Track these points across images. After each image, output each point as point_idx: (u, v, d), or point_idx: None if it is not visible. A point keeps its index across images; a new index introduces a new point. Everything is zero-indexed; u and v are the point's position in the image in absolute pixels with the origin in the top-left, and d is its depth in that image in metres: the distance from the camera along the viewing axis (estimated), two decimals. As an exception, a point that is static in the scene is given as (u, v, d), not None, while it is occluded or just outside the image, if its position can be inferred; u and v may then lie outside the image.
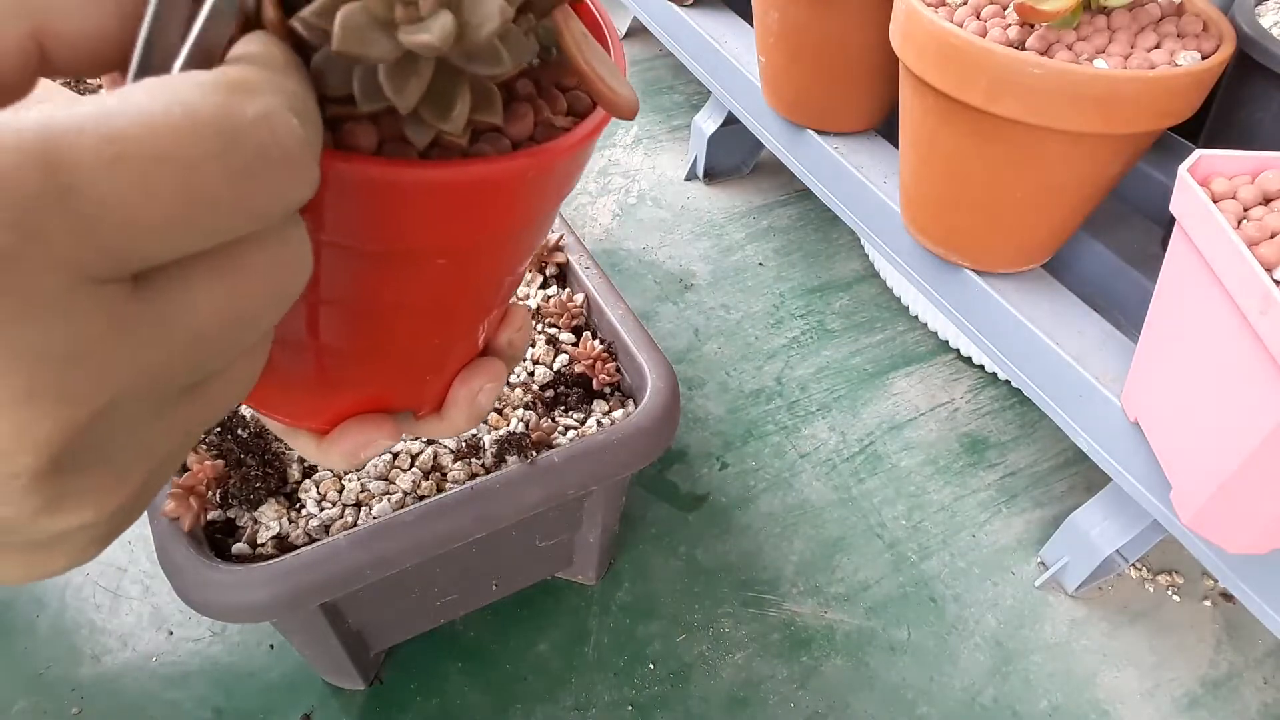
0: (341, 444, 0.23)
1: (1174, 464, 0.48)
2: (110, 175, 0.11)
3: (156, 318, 0.13)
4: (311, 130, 0.14)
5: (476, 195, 0.17)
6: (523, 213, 0.19)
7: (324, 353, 0.21)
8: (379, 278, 0.18)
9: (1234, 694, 0.61)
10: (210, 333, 0.13)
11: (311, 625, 0.49)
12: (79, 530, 0.14)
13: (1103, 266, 0.65)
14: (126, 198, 0.11)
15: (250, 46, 0.14)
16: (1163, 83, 0.46)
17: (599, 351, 0.57)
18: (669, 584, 0.65)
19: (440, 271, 0.19)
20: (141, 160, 0.11)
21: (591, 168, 1.06)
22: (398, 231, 0.17)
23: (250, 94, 0.12)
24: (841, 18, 0.64)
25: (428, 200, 0.16)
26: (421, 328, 0.21)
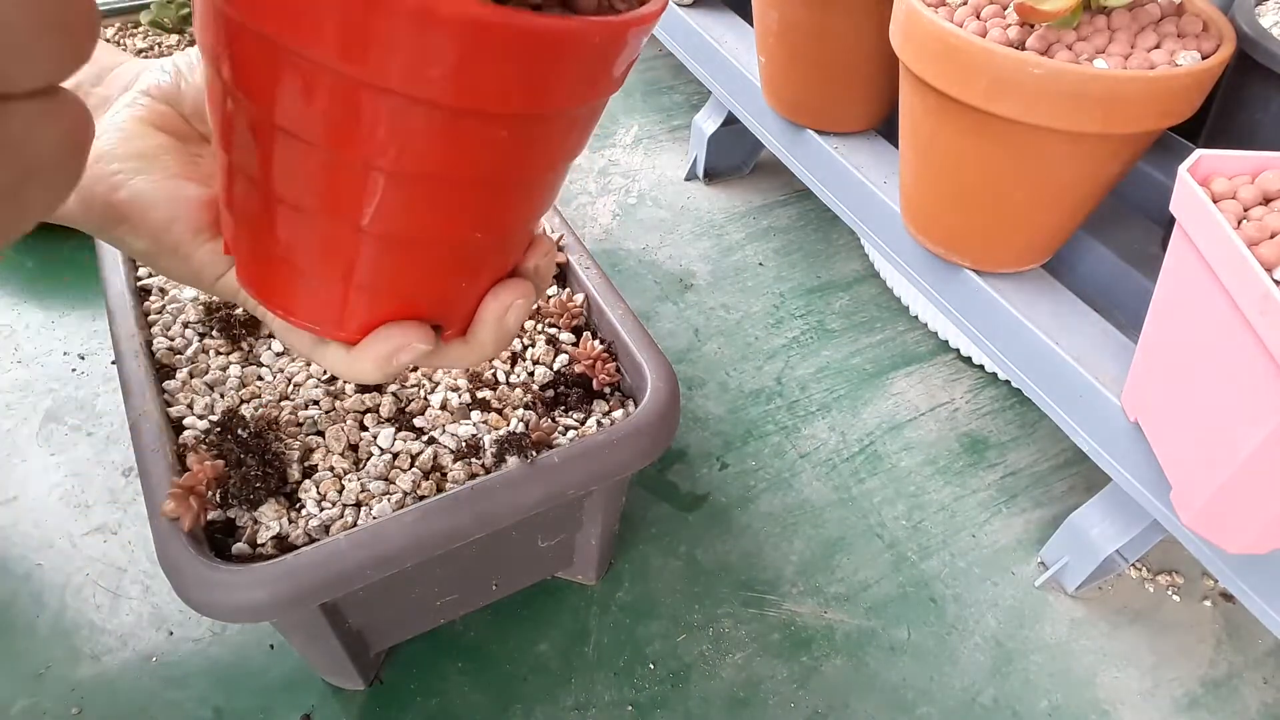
0: (374, 349, 0.23)
1: (1174, 464, 0.48)
2: None
3: None
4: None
5: (557, 51, 0.18)
6: (586, 85, 0.19)
7: (366, 240, 0.21)
8: (443, 141, 0.19)
9: (1234, 694, 0.61)
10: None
11: (311, 625, 0.49)
12: None
13: (1103, 266, 0.65)
14: None
15: None
16: (1163, 83, 0.46)
17: (599, 351, 0.57)
18: (669, 584, 0.65)
19: (502, 143, 0.19)
20: None
21: (591, 167, 1.06)
22: (475, 83, 0.17)
23: None
24: (841, 18, 0.64)
25: (512, 49, 0.17)
26: (469, 210, 0.21)
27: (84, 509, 0.67)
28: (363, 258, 0.22)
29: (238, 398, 0.52)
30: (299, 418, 0.51)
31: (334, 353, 0.24)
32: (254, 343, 0.56)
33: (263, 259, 0.24)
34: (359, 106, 0.18)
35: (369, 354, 0.23)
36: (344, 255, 0.22)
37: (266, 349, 0.55)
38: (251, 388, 0.53)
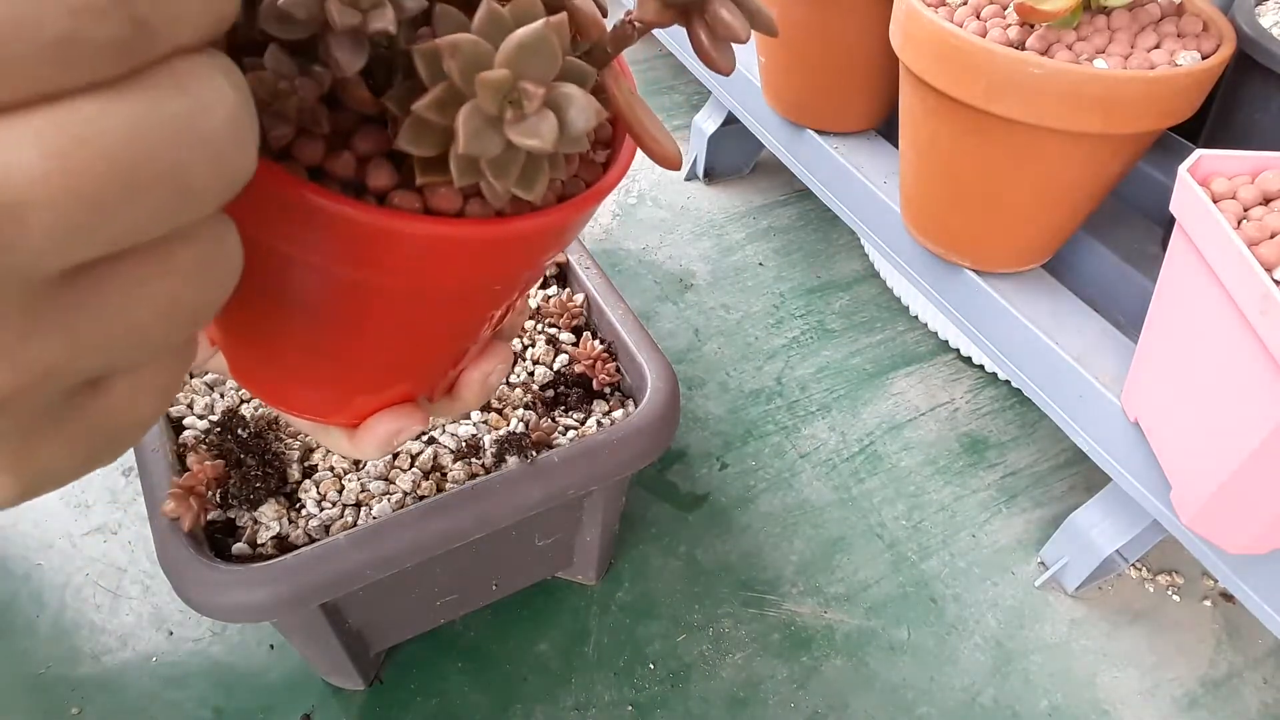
0: (375, 434, 0.25)
1: (1174, 464, 0.48)
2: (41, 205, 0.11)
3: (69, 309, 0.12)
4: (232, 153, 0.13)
5: (499, 247, 0.19)
6: (540, 254, 0.20)
7: (356, 365, 0.23)
8: (411, 310, 0.20)
9: (1234, 694, 0.61)
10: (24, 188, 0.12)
11: (311, 625, 0.49)
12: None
13: (1103, 266, 0.65)
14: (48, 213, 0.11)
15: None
16: (1163, 83, 0.46)
17: (599, 351, 0.57)
18: (669, 584, 0.65)
19: (463, 304, 0.21)
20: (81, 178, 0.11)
21: (591, 168, 1.06)
22: (432, 272, 0.19)
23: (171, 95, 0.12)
24: (841, 18, 0.64)
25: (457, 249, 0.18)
26: (446, 341, 0.23)
27: (84, 509, 0.67)
28: (355, 374, 0.23)
29: (238, 398, 0.52)
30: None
31: (336, 435, 0.26)
32: (254, 343, 0.56)
33: (256, 362, 0.25)
34: (352, 294, 0.19)
35: (370, 440, 0.25)
36: (337, 372, 0.23)
37: (266, 349, 0.55)
38: (251, 388, 0.53)
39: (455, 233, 0.17)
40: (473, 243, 0.18)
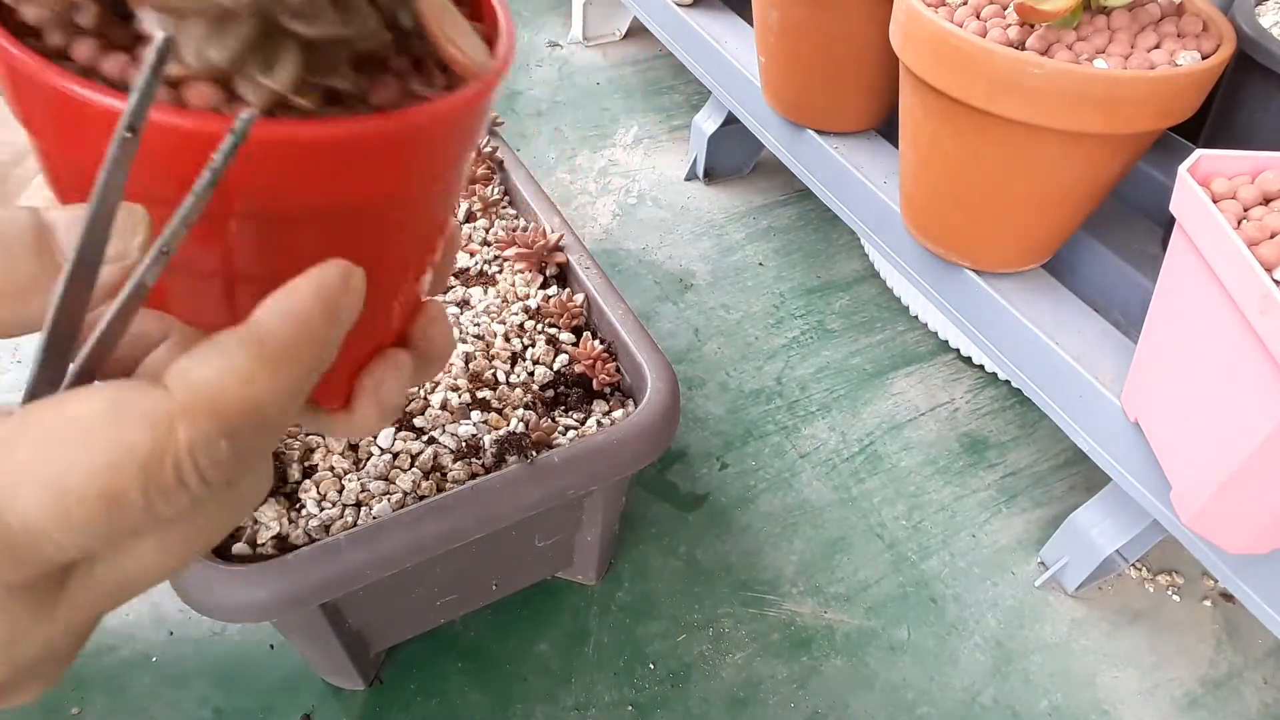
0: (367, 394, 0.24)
1: (1174, 464, 0.48)
2: (49, 513, 0.13)
3: (84, 587, 0.16)
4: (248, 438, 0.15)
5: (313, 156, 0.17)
6: (376, 181, 0.18)
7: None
8: (269, 245, 0.18)
9: (1234, 694, 0.61)
10: (138, 585, 0.16)
11: (311, 625, 0.49)
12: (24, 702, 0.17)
13: (1103, 266, 0.65)
14: (59, 529, 0.13)
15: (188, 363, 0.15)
16: (1163, 83, 0.46)
17: (599, 351, 0.57)
18: (669, 584, 0.65)
19: (318, 239, 0.19)
20: (75, 502, 0.13)
21: (591, 167, 1.06)
22: (266, 191, 0.17)
23: (172, 428, 0.14)
24: (841, 18, 0.64)
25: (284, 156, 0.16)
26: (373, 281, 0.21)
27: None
28: None
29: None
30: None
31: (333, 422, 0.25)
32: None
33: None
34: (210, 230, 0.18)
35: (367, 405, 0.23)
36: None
37: (266, 349, 0.55)
38: (251, 388, 0.53)
39: (303, 133, 0.16)
40: (327, 144, 0.16)
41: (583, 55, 1.27)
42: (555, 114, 1.15)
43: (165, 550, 0.16)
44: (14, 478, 0.13)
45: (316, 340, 0.15)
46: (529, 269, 0.63)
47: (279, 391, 0.15)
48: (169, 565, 0.16)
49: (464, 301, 0.61)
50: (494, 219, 0.67)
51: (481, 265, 0.63)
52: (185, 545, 0.16)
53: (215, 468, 0.14)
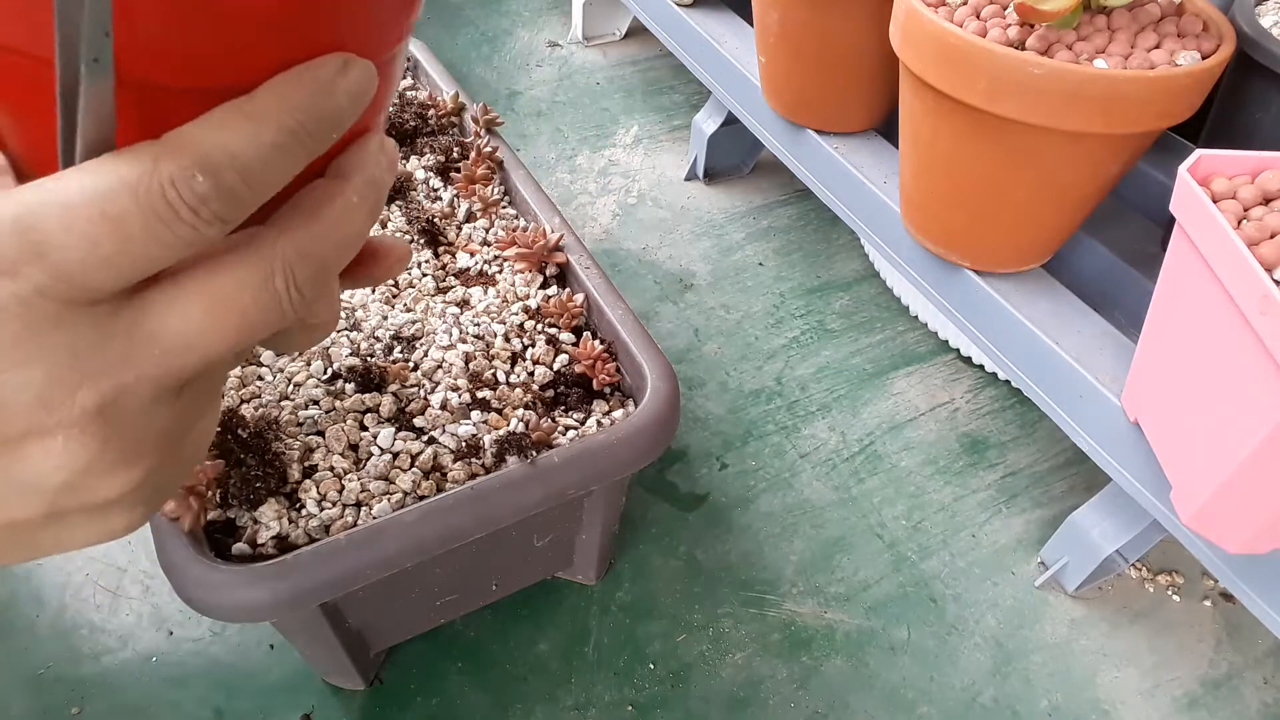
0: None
1: (1174, 464, 0.48)
2: (69, 236, 0.16)
3: (140, 323, 0.17)
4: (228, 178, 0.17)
5: None
6: None
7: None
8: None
9: (1234, 694, 0.61)
10: (192, 344, 0.18)
11: (311, 625, 0.49)
12: (122, 496, 0.19)
13: (1103, 266, 0.65)
14: (82, 249, 0.16)
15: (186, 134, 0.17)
16: (1163, 83, 0.46)
17: (599, 351, 0.57)
18: (669, 584, 0.65)
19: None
20: (87, 223, 0.16)
21: (591, 167, 1.06)
22: None
23: (156, 160, 0.16)
24: (841, 18, 0.64)
25: None
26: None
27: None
28: None
29: (238, 397, 0.52)
30: (299, 417, 0.51)
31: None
32: (254, 343, 0.56)
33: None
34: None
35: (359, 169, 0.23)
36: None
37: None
38: (251, 387, 0.53)
39: None
40: None
41: (583, 55, 1.27)
42: (555, 114, 1.15)
43: (204, 309, 0.18)
44: (37, 205, 0.16)
45: (300, 106, 0.17)
46: (529, 269, 0.63)
47: (257, 141, 0.17)
48: (210, 329, 0.18)
49: (464, 301, 0.61)
50: (494, 219, 0.67)
51: (481, 265, 0.63)
52: (224, 308, 0.18)
53: (199, 200, 0.16)
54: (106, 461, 0.18)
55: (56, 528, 0.19)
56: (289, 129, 0.17)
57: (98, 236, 0.16)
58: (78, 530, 0.19)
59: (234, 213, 0.17)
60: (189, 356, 0.18)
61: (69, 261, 0.16)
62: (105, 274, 0.16)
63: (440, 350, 0.57)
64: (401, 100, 0.75)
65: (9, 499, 0.18)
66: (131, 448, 0.18)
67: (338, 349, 0.56)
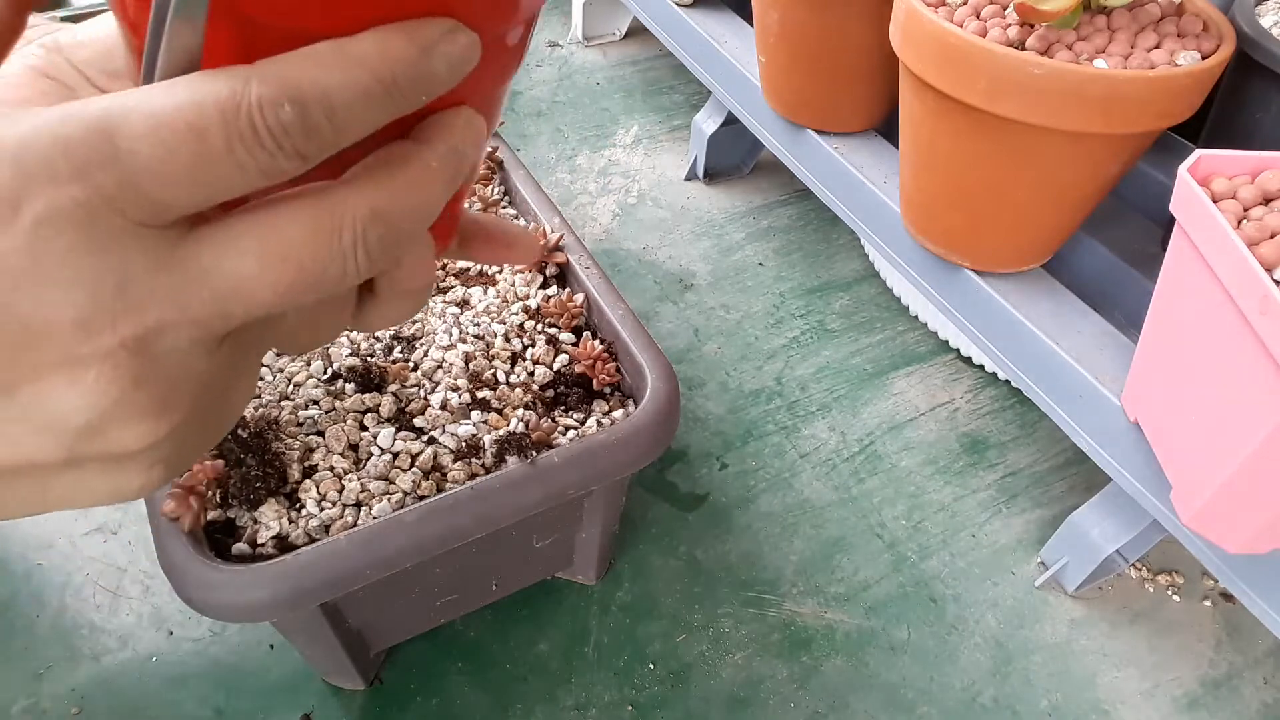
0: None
1: (1174, 464, 0.48)
2: (148, 142, 0.15)
3: (194, 259, 0.17)
4: (315, 114, 0.17)
5: None
6: None
7: None
8: None
9: (1234, 694, 0.61)
10: (243, 290, 0.17)
11: (311, 625, 0.49)
12: (145, 447, 0.18)
13: (1103, 266, 0.65)
14: (158, 158, 0.15)
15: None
16: (1163, 83, 0.46)
17: (599, 351, 0.57)
18: (669, 584, 0.65)
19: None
20: (170, 131, 0.15)
21: (591, 168, 1.06)
22: None
23: (247, 82, 0.16)
24: (841, 18, 0.64)
25: None
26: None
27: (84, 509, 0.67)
28: None
29: (238, 398, 0.52)
30: (299, 418, 0.51)
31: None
32: (254, 343, 0.56)
33: None
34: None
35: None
36: None
37: (266, 349, 0.55)
38: (251, 388, 0.53)
39: None
40: None
41: (583, 55, 1.27)
42: (555, 114, 1.15)
43: (262, 254, 0.17)
44: (122, 110, 0.15)
45: (398, 58, 0.17)
46: (529, 269, 0.63)
47: (349, 84, 0.17)
48: (266, 279, 0.17)
49: (464, 301, 0.61)
50: (494, 219, 0.67)
51: (482, 265, 0.63)
52: (281, 258, 0.17)
53: (282, 131, 0.16)
54: (136, 405, 0.17)
55: (71, 476, 0.18)
56: (383, 78, 0.17)
57: (178, 147, 0.15)
58: (92, 483, 0.18)
59: (315, 150, 0.17)
60: (239, 303, 0.17)
61: (144, 170, 0.15)
62: (177, 191, 0.16)
63: (440, 350, 0.57)
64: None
65: (28, 437, 0.16)
66: (162, 395, 0.17)
67: (338, 349, 0.56)
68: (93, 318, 0.16)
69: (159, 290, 0.16)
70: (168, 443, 0.18)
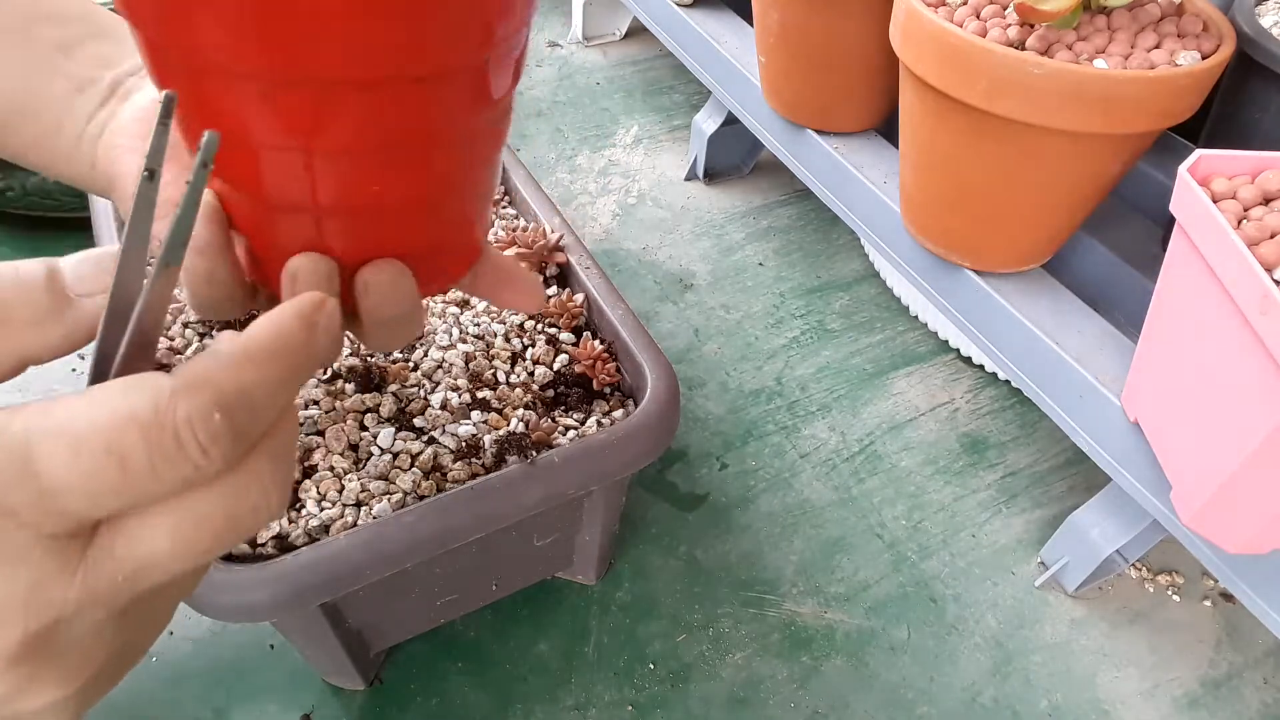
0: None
1: (1174, 464, 0.48)
2: (66, 467, 0.16)
3: (104, 558, 0.17)
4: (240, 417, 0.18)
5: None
6: (409, 32, 0.21)
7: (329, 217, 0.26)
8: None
9: (1234, 694, 0.61)
10: (158, 565, 0.18)
11: (311, 625, 0.49)
12: (51, 708, 0.18)
13: (1103, 266, 0.65)
14: (77, 481, 0.16)
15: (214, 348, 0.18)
16: (1163, 83, 0.46)
17: (599, 351, 0.57)
18: (669, 584, 0.65)
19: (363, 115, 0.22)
20: (89, 455, 0.16)
21: (591, 168, 1.06)
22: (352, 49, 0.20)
23: (172, 396, 0.17)
24: (841, 18, 0.64)
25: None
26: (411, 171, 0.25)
27: None
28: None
29: (238, 398, 0.52)
30: (299, 417, 0.51)
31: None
32: (254, 343, 0.56)
33: (267, 260, 0.26)
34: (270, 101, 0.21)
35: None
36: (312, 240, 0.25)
37: (266, 349, 0.55)
38: (251, 388, 0.53)
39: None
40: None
41: (583, 55, 1.27)
42: (555, 114, 1.15)
43: (177, 534, 0.18)
44: (41, 433, 0.16)
45: (294, 346, 0.19)
46: (529, 269, 0.63)
47: (265, 383, 0.18)
48: (180, 552, 0.18)
49: (464, 302, 0.61)
50: (494, 219, 0.67)
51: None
52: (196, 531, 0.18)
53: (211, 439, 0.17)
54: (46, 682, 0.18)
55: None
56: (290, 366, 0.19)
57: (96, 471, 0.16)
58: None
59: (237, 452, 0.18)
60: (151, 577, 0.18)
61: (61, 492, 0.16)
62: (94, 509, 0.16)
63: (440, 350, 0.57)
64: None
65: None
66: (72, 667, 0.18)
67: (338, 349, 0.56)
68: (2, 621, 0.17)
69: (71, 588, 0.17)
70: (75, 700, 0.19)
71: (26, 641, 0.17)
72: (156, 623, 0.21)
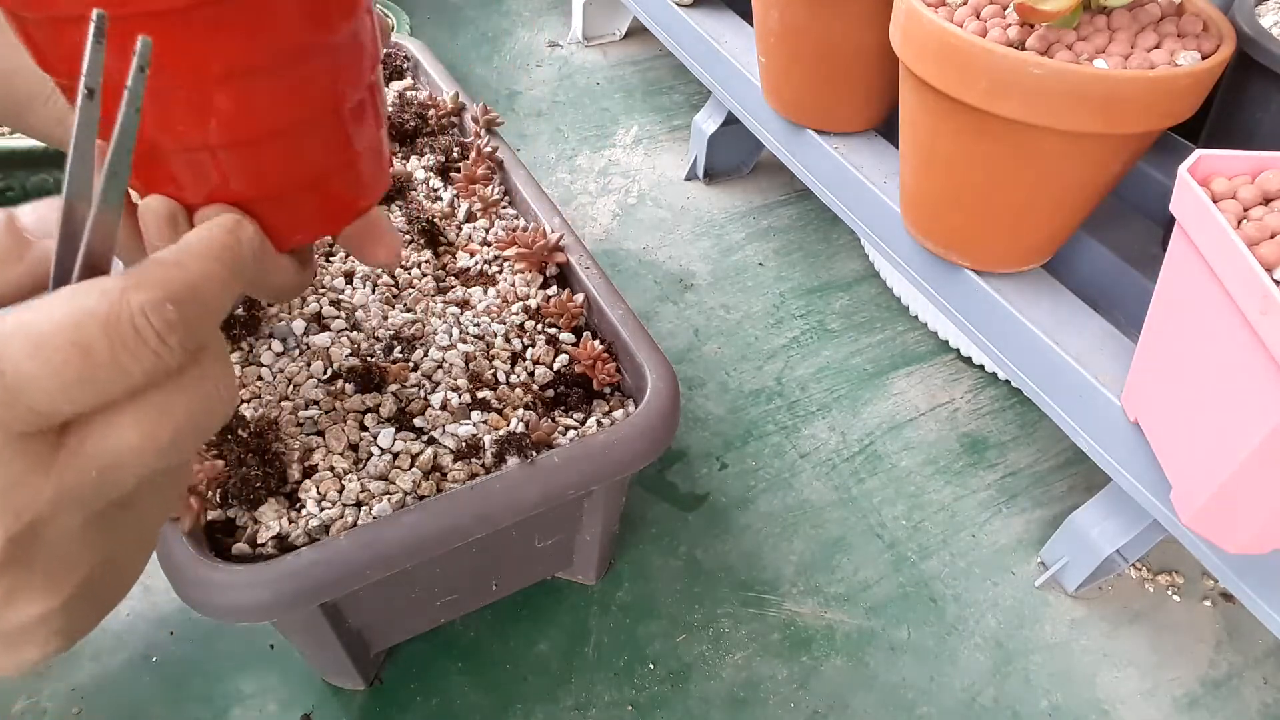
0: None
1: (1174, 464, 0.48)
2: (30, 362, 0.16)
3: (74, 455, 0.18)
4: (190, 309, 0.19)
5: None
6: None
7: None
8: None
9: (1234, 694, 0.61)
10: (126, 461, 0.18)
11: (311, 625, 0.49)
12: (38, 622, 0.19)
13: (1103, 266, 0.65)
14: (40, 376, 0.16)
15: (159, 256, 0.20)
16: (1163, 83, 0.46)
17: (599, 351, 0.57)
18: (669, 584, 0.65)
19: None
20: (51, 349, 0.16)
21: (591, 168, 1.06)
22: None
23: (124, 292, 0.17)
24: (841, 18, 0.64)
25: None
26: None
27: None
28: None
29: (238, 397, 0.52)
30: (299, 418, 0.51)
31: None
32: (254, 343, 0.56)
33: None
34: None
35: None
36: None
37: (266, 349, 0.55)
38: (251, 388, 0.53)
39: None
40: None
41: (583, 55, 1.27)
42: (555, 114, 1.15)
43: (142, 427, 0.18)
44: (3, 335, 0.16)
45: (227, 247, 0.21)
46: (529, 269, 0.63)
47: (209, 278, 0.19)
48: (146, 446, 0.18)
49: (464, 301, 0.61)
50: (494, 219, 0.67)
51: (481, 265, 0.63)
52: (160, 424, 0.19)
53: (167, 328, 0.18)
54: (28, 588, 0.18)
55: None
56: (228, 265, 0.20)
57: (62, 364, 0.17)
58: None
59: (194, 341, 0.18)
60: (127, 473, 0.19)
61: (28, 388, 0.16)
62: (62, 402, 0.17)
63: (440, 350, 0.57)
64: (401, 100, 0.75)
65: None
66: (54, 574, 0.18)
67: (338, 349, 0.56)
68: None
69: (45, 487, 0.17)
70: (61, 615, 0.19)
71: (6, 548, 0.17)
72: (140, 540, 0.22)
